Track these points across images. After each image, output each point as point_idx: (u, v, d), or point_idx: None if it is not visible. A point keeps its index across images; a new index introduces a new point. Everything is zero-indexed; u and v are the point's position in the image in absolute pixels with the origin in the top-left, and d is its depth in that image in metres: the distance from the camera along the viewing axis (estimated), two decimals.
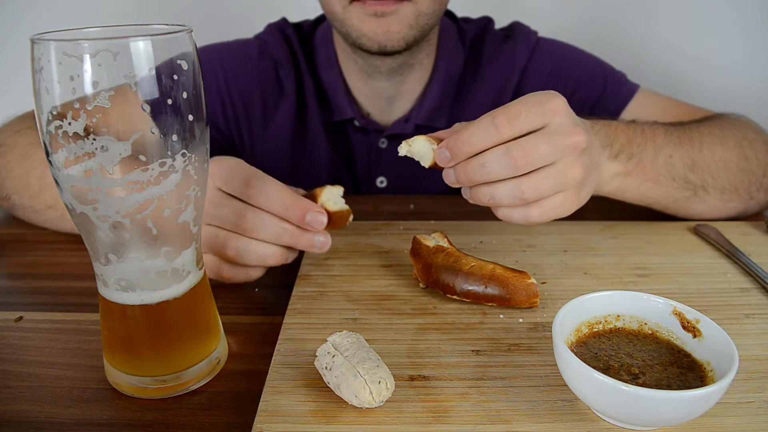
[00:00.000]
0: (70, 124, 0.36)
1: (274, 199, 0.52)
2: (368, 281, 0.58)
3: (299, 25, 0.97)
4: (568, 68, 0.91)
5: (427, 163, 0.52)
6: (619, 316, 0.45)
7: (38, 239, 0.70)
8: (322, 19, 0.95)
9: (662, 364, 0.41)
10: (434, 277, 0.54)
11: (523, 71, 0.92)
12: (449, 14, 0.96)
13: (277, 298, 0.55)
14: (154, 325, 0.44)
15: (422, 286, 0.57)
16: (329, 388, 0.42)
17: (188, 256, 0.44)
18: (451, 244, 0.57)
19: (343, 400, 0.41)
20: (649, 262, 0.62)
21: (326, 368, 0.41)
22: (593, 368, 0.37)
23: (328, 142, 0.93)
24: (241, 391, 0.46)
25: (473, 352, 0.47)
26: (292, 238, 0.53)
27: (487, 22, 0.96)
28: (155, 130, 0.37)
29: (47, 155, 0.38)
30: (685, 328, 0.43)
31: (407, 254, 0.59)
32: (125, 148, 0.37)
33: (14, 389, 0.45)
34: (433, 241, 0.57)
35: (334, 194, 0.55)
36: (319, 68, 0.92)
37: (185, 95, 0.38)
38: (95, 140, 0.36)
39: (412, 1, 0.76)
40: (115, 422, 0.42)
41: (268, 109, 0.93)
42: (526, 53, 0.92)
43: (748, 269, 0.59)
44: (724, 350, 0.39)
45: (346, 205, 0.55)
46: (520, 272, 0.53)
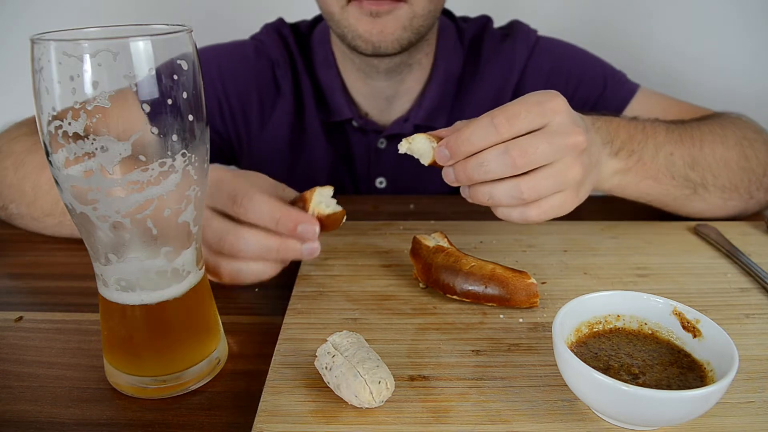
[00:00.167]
0: (70, 124, 0.36)
1: (262, 214, 0.50)
2: (368, 281, 0.58)
3: (296, 25, 0.96)
4: (568, 67, 0.91)
5: (426, 161, 0.52)
6: (619, 316, 0.45)
7: (38, 239, 0.70)
8: (319, 19, 0.94)
9: (662, 364, 0.41)
10: (434, 277, 0.54)
11: (522, 70, 0.91)
12: (448, 14, 0.95)
13: (277, 298, 0.55)
14: (154, 325, 0.44)
15: (422, 286, 0.57)
16: (329, 388, 0.42)
17: (188, 256, 0.44)
18: (451, 244, 0.57)
19: (343, 400, 0.41)
20: (649, 262, 0.62)
21: (326, 368, 0.41)
22: (593, 368, 0.37)
23: (326, 142, 0.93)
24: (241, 391, 0.46)
25: (473, 352, 0.47)
26: (278, 253, 0.51)
27: (486, 21, 0.95)
28: (155, 130, 0.37)
29: (47, 155, 0.38)
30: (685, 328, 0.43)
31: (407, 254, 0.59)
32: (125, 148, 0.37)
33: (14, 389, 0.45)
34: (433, 241, 0.57)
35: (324, 196, 0.53)
36: (316, 68, 0.92)
37: (185, 95, 0.38)
38: (95, 140, 0.36)
39: (407, 2, 0.75)
40: (115, 422, 0.43)
41: (265, 109, 0.93)
42: (525, 52, 0.91)
43: (748, 269, 0.59)
44: (724, 350, 0.39)
45: (338, 205, 0.54)
46: (520, 272, 0.53)
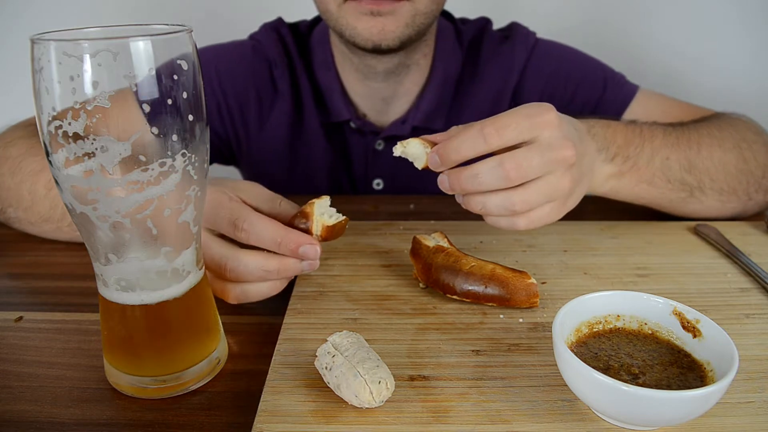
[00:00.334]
0: (70, 124, 0.36)
1: (264, 237, 0.50)
2: (368, 281, 0.58)
3: (295, 25, 0.96)
4: (567, 70, 0.91)
5: (420, 165, 0.53)
6: (619, 316, 0.45)
7: (38, 239, 0.70)
8: (319, 19, 0.94)
9: (662, 364, 0.41)
10: (434, 277, 0.54)
11: (521, 73, 0.91)
12: (446, 15, 0.95)
13: (277, 298, 0.55)
14: (154, 325, 0.44)
15: (422, 286, 0.57)
16: (329, 388, 0.42)
17: (188, 256, 0.44)
18: (451, 244, 0.57)
19: (343, 400, 0.41)
20: (649, 262, 0.62)
21: (326, 368, 0.41)
22: (593, 368, 0.37)
23: (324, 143, 0.93)
24: (241, 391, 0.46)
25: (473, 352, 0.47)
26: (279, 274, 0.52)
27: (485, 23, 0.95)
28: (155, 130, 0.37)
29: (47, 155, 0.38)
30: (685, 328, 0.43)
31: (407, 254, 0.59)
32: (125, 148, 0.37)
33: (14, 389, 0.45)
34: (433, 241, 0.57)
35: (323, 207, 0.53)
36: (315, 69, 0.91)
37: (185, 95, 0.38)
38: (95, 140, 0.36)
39: (410, 0, 0.75)
40: (115, 422, 0.43)
41: (263, 109, 0.92)
42: (524, 54, 0.91)
43: (748, 269, 0.59)
44: (724, 350, 0.39)
45: (339, 213, 0.54)
46: (520, 272, 0.53)
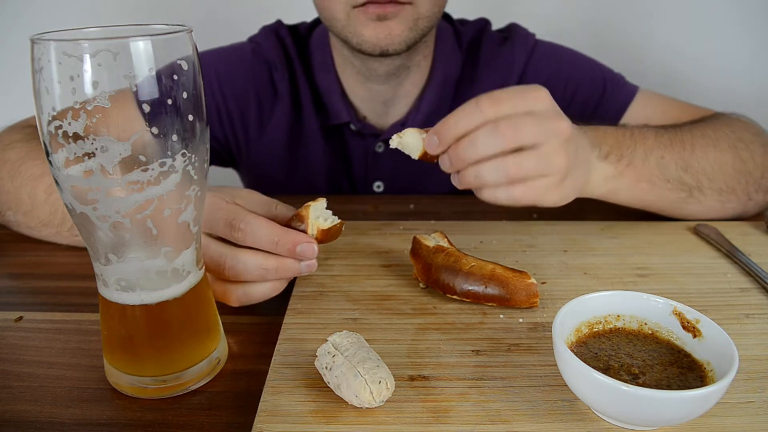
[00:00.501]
0: (70, 124, 0.36)
1: (261, 237, 0.50)
2: (368, 281, 0.58)
3: (295, 27, 0.96)
4: (567, 71, 0.91)
5: (416, 154, 0.54)
6: (619, 316, 0.45)
7: (38, 239, 0.70)
8: (319, 21, 0.93)
9: (662, 364, 0.41)
10: (434, 277, 0.54)
11: (521, 74, 0.91)
12: (445, 16, 0.95)
13: (277, 298, 0.55)
14: (154, 325, 0.44)
15: (422, 286, 0.57)
16: (329, 388, 0.42)
17: (188, 256, 0.44)
18: (451, 244, 0.57)
19: (343, 400, 0.41)
20: (649, 262, 0.62)
21: (326, 368, 0.41)
22: (593, 368, 0.37)
23: (324, 145, 0.93)
24: (241, 391, 0.46)
25: (473, 352, 0.47)
26: (277, 273, 0.52)
27: (484, 24, 0.95)
28: (155, 130, 0.37)
29: (47, 155, 0.38)
30: (685, 328, 0.43)
31: (407, 254, 0.59)
32: (125, 148, 0.37)
33: (14, 389, 0.45)
34: (433, 241, 0.57)
35: (319, 209, 0.53)
36: (315, 71, 0.91)
37: (185, 95, 0.38)
38: (95, 140, 0.36)
39: (412, 4, 0.75)
40: (115, 422, 0.42)
41: (263, 112, 0.92)
42: (524, 56, 0.91)
43: (748, 269, 0.59)
44: (724, 350, 0.39)
45: (334, 216, 0.54)
46: (520, 272, 0.53)
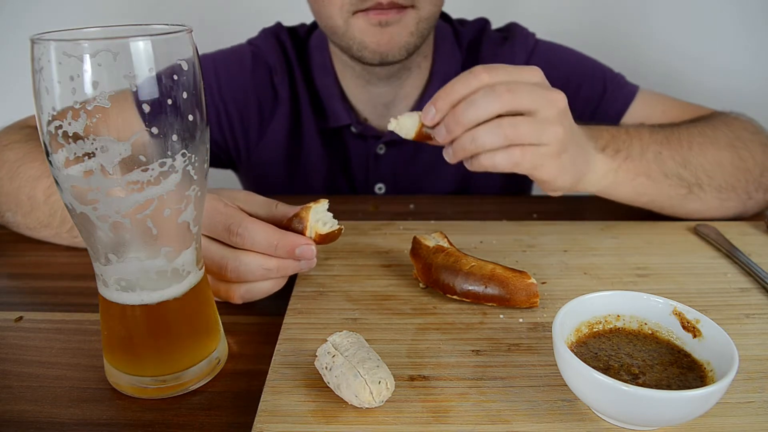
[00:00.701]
0: (70, 124, 0.36)
1: (259, 241, 0.51)
2: (368, 281, 0.58)
3: (294, 29, 0.95)
4: (567, 71, 0.91)
5: (412, 134, 0.56)
6: (619, 316, 0.45)
7: (38, 240, 0.70)
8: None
9: (662, 364, 0.41)
10: (434, 277, 0.54)
11: None
12: (443, 16, 0.94)
13: (277, 298, 0.55)
14: (154, 325, 0.44)
15: (422, 286, 0.57)
16: (329, 388, 0.42)
17: (188, 256, 0.44)
18: (451, 244, 0.57)
19: (343, 400, 0.41)
20: (649, 262, 0.62)
21: (326, 368, 0.41)
22: (593, 368, 0.37)
23: (324, 149, 0.92)
24: (241, 391, 0.46)
25: (473, 352, 0.47)
26: (278, 272, 0.52)
27: (484, 23, 0.95)
28: (155, 130, 0.37)
29: (47, 155, 0.38)
30: (685, 328, 0.43)
31: (407, 254, 0.59)
32: (125, 148, 0.37)
33: (14, 389, 0.45)
34: (433, 241, 0.57)
35: (320, 212, 0.53)
36: (314, 74, 0.91)
37: (185, 95, 0.38)
38: (95, 140, 0.36)
39: (414, 7, 0.75)
40: (115, 422, 0.42)
41: (264, 116, 0.92)
42: (524, 56, 0.91)
43: (748, 269, 0.59)
44: (724, 350, 0.39)
45: (335, 219, 0.54)
46: (520, 272, 0.53)
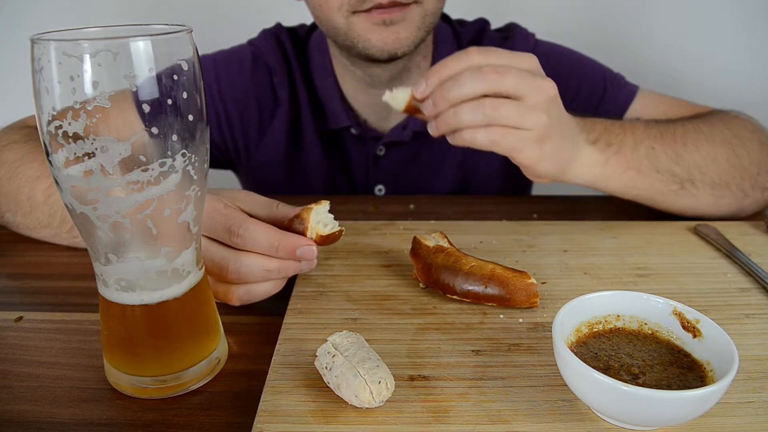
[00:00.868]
0: (70, 124, 0.36)
1: (260, 242, 0.50)
2: (368, 281, 0.58)
3: (294, 30, 0.95)
4: (567, 72, 0.91)
5: (402, 106, 0.57)
6: (619, 316, 0.45)
7: (38, 240, 0.70)
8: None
9: (662, 364, 0.41)
10: (434, 277, 0.54)
11: None
12: (443, 17, 0.94)
13: (277, 298, 0.55)
14: (154, 325, 0.44)
15: (422, 286, 0.57)
16: (329, 388, 0.42)
17: (188, 256, 0.44)
18: (451, 244, 0.57)
19: (343, 400, 0.41)
20: (649, 262, 0.62)
21: (326, 368, 0.41)
22: (593, 368, 0.37)
23: (324, 150, 0.92)
24: (241, 391, 0.46)
25: (473, 352, 0.47)
26: (279, 273, 0.52)
27: (483, 24, 0.95)
28: (155, 130, 0.37)
29: (47, 155, 0.38)
30: (685, 328, 0.43)
31: (407, 254, 0.59)
32: (125, 148, 0.37)
33: (14, 389, 0.45)
34: (433, 241, 0.57)
35: (321, 213, 0.53)
36: (313, 75, 0.91)
37: (185, 95, 0.38)
38: (95, 140, 0.36)
39: (417, 3, 0.74)
40: (115, 422, 0.43)
41: (264, 118, 0.92)
42: None
43: (748, 269, 0.59)
44: (724, 350, 0.39)
45: (335, 221, 0.54)
46: (520, 272, 0.53)
